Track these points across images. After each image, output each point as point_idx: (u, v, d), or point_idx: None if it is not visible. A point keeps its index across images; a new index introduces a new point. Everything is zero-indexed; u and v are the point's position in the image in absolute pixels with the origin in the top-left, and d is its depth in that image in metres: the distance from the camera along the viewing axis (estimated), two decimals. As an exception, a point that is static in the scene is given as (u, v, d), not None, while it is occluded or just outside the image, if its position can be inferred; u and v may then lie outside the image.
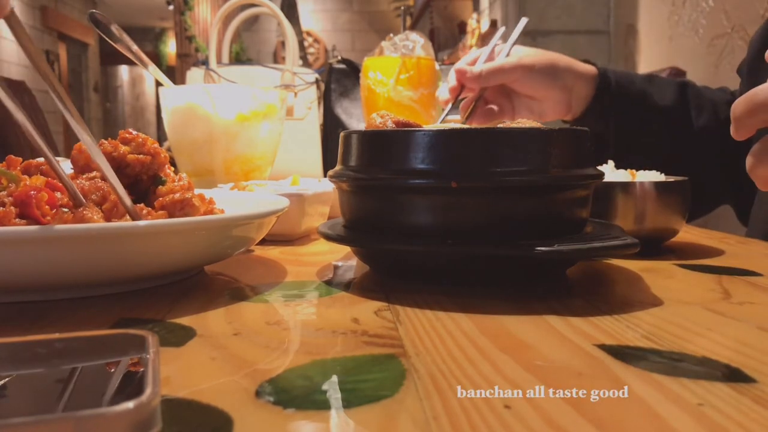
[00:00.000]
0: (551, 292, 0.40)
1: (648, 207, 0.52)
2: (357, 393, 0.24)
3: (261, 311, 0.35)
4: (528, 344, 0.29)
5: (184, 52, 6.39)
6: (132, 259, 0.36)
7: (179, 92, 0.82)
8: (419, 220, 0.40)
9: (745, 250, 0.56)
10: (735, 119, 0.41)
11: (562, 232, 0.41)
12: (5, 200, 0.38)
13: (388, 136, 0.41)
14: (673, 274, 0.45)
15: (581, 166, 0.41)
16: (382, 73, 1.00)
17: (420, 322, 0.33)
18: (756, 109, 0.40)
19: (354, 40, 7.60)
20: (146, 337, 0.23)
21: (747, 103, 0.40)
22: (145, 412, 0.18)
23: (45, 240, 0.33)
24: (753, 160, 0.42)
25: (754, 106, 0.40)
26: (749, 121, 0.40)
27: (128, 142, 0.46)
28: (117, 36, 0.71)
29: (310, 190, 0.60)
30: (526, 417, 0.22)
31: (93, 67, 8.06)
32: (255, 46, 7.43)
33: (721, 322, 0.33)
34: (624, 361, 0.27)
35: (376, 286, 0.41)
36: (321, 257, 0.53)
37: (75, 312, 0.35)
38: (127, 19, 8.25)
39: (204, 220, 0.39)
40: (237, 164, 0.82)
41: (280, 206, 0.45)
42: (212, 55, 1.05)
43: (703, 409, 0.22)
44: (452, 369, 0.26)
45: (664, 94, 0.82)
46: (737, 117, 0.41)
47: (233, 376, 0.25)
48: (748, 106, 0.40)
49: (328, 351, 0.28)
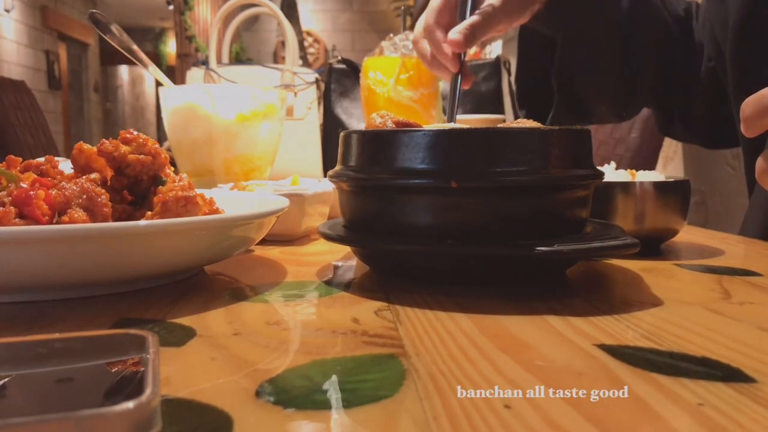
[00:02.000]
0: (551, 292, 0.40)
1: (648, 207, 0.52)
2: (357, 393, 0.24)
3: (261, 311, 0.35)
4: (528, 344, 0.29)
5: (184, 52, 6.39)
6: (132, 259, 0.36)
7: (179, 92, 0.82)
8: (419, 220, 0.40)
9: (745, 250, 0.56)
10: (744, 119, 0.43)
11: (562, 232, 0.41)
12: (5, 200, 0.38)
13: (388, 136, 0.41)
14: (673, 274, 0.45)
15: (581, 166, 0.41)
16: (382, 73, 1.00)
17: (420, 322, 0.33)
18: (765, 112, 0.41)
19: (354, 40, 7.60)
20: (146, 337, 0.23)
21: (756, 104, 0.42)
22: (145, 412, 0.18)
23: (45, 240, 0.33)
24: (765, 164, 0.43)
25: (762, 108, 0.41)
26: (759, 123, 0.42)
27: (129, 142, 0.46)
28: (117, 36, 0.71)
29: (310, 190, 0.60)
30: (526, 417, 0.22)
31: (93, 67, 8.06)
32: (255, 46, 7.43)
33: (721, 322, 0.33)
34: (624, 361, 0.27)
35: (376, 286, 0.41)
36: (321, 257, 0.53)
37: (75, 312, 0.35)
38: (127, 19, 8.25)
39: (204, 220, 0.39)
40: (237, 164, 0.82)
41: (280, 206, 0.45)
42: (212, 55, 1.05)
43: (703, 409, 0.22)
44: (452, 369, 0.26)
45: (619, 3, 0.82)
46: (746, 117, 0.42)
47: (233, 376, 0.25)
48: (757, 108, 0.41)
49: (328, 351, 0.28)
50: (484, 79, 1.42)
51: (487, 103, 1.38)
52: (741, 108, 0.43)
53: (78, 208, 0.39)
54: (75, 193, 0.40)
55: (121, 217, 0.44)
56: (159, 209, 0.42)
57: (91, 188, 0.41)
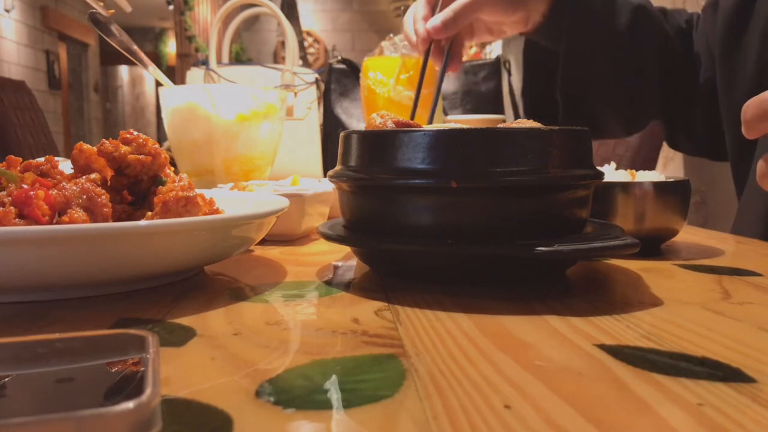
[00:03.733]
0: (551, 292, 0.40)
1: (648, 207, 0.52)
2: (357, 393, 0.24)
3: (261, 311, 0.35)
4: (528, 344, 0.29)
5: (184, 52, 6.39)
6: (132, 259, 0.36)
7: (179, 92, 0.82)
8: (419, 220, 0.40)
9: (745, 250, 0.56)
10: (745, 122, 0.44)
11: (562, 232, 0.41)
12: (5, 200, 0.38)
13: (388, 136, 0.41)
14: (673, 274, 0.45)
15: (581, 166, 0.41)
16: (382, 73, 1.00)
17: (420, 322, 0.33)
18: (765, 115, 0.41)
19: (354, 40, 7.60)
20: (146, 337, 0.23)
21: (756, 108, 0.42)
22: (145, 412, 0.18)
23: (45, 240, 0.33)
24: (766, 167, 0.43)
25: (762, 112, 0.41)
26: (759, 126, 0.42)
27: (129, 142, 0.46)
28: (117, 36, 0.71)
29: (310, 190, 0.60)
30: (526, 417, 0.22)
31: (93, 67, 8.06)
32: (255, 46, 7.43)
33: (721, 322, 0.33)
34: (624, 361, 0.27)
35: (376, 286, 0.41)
36: (321, 257, 0.53)
37: (75, 312, 0.35)
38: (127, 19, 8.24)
39: (204, 220, 0.39)
40: (237, 164, 0.82)
41: (280, 206, 0.45)
42: (212, 55, 1.05)
43: (703, 409, 0.22)
44: (452, 369, 0.26)
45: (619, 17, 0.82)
46: (747, 120, 0.43)
47: (233, 376, 0.25)
48: (758, 111, 0.42)
49: (328, 351, 0.28)
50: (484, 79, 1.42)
51: (487, 103, 1.38)
52: (742, 110, 0.43)
53: (78, 208, 0.39)
54: (75, 193, 0.40)
55: (121, 217, 0.44)
56: (159, 209, 0.42)
57: (91, 188, 0.41)
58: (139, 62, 0.75)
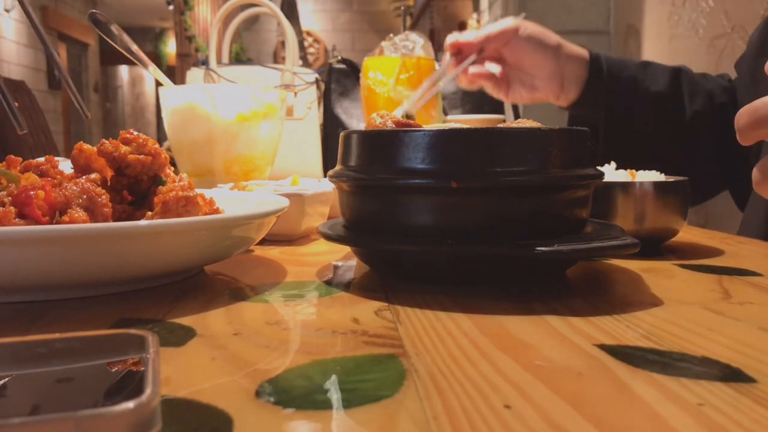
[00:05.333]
0: (551, 292, 0.40)
1: (648, 207, 0.52)
2: (357, 393, 0.24)
3: (261, 311, 0.35)
4: (528, 344, 0.29)
5: (184, 52, 6.39)
6: (132, 259, 0.36)
7: (179, 92, 0.82)
8: (419, 220, 0.40)
9: (745, 250, 0.56)
10: (739, 129, 0.44)
11: (562, 232, 0.41)
12: (5, 200, 0.38)
13: (388, 136, 0.41)
14: (673, 274, 0.45)
15: (581, 166, 0.41)
16: (382, 73, 1.00)
17: (420, 322, 0.33)
18: (757, 124, 0.42)
19: (354, 40, 7.60)
20: (146, 337, 0.23)
21: (749, 116, 0.42)
22: (145, 412, 0.18)
23: (45, 240, 0.33)
24: (760, 175, 0.43)
25: (755, 120, 0.42)
26: (752, 134, 0.42)
27: (129, 142, 0.46)
28: (117, 36, 0.71)
29: (310, 190, 0.60)
30: (526, 417, 0.22)
31: (93, 67, 8.06)
32: (255, 46, 7.43)
33: (721, 322, 0.33)
34: (624, 361, 0.27)
35: (376, 286, 0.41)
36: (321, 257, 0.53)
37: (75, 312, 0.35)
38: (127, 19, 8.25)
39: (204, 220, 0.39)
40: (237, 164, 0.82)
41: (280, 206, 0.45)
42: (212, 55, 1.05)
43: (703, 409, 0.22)
44: (452, 369, 0.26)
45: (657, 81, 0.82)
46: (740, 128, 0.43)
47: (233, 376, 0.25)
48: (750, 119, 0.42)
49: (328, 351, 0.28)
50: (484, 79, 1.41)
51: (487, 103, 1.38)
52: (736, 118, 0.43)
53: (78, 208, 0.39)
54: (75, 193, 0.40)
55: (121, 217, 0.44)
56: (159, 209, 0.42)
57: (92, 188, 0.41)
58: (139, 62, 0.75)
